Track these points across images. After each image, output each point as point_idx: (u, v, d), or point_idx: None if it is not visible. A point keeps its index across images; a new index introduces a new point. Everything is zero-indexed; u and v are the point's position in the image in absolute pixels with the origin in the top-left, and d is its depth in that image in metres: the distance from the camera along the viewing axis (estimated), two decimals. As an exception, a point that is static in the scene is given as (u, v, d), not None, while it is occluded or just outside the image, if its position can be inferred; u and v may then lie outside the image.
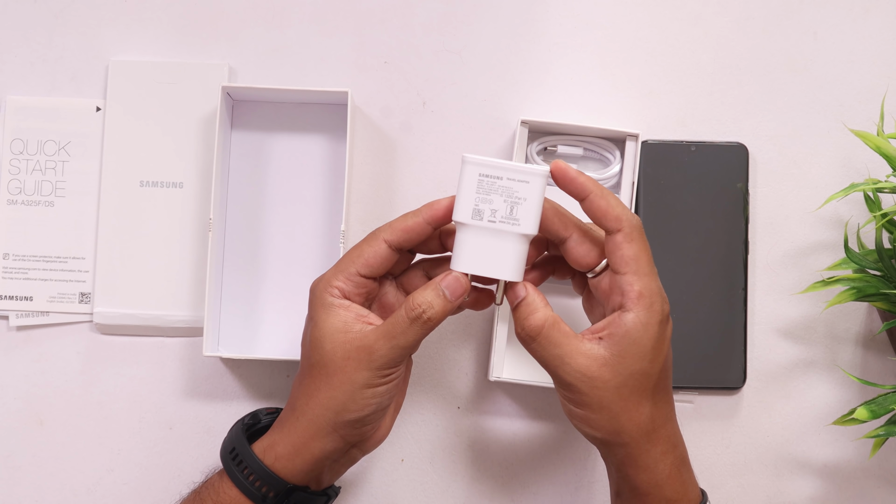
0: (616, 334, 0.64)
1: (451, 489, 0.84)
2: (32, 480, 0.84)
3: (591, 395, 0.65)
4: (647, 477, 0.67)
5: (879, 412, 0.74)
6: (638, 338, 0.64)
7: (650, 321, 0.64)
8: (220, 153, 0.81)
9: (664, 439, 0.67)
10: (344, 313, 0.68)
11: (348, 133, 0.80)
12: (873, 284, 0.75)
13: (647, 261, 0.65)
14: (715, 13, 0.85)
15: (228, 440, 0.72)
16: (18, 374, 0.84)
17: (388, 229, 0.69)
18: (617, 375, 0.64)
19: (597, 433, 0.66)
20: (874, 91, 0.84)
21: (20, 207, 0.85)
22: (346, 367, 0.67)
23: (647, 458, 0.66)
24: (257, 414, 0.75)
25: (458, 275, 0.67)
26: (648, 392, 0.66)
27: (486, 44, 0.85)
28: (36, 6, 0.86)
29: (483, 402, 0.84)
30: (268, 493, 0.68)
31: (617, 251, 0.65)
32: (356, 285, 0.69)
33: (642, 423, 0.66)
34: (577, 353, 0.65)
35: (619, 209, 0.65)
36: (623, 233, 0.65)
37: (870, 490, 0.83)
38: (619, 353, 0.64)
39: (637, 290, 0.64)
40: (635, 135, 0.81)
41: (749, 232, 0.83)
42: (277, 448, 0.69)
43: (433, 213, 0.68)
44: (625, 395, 0.65)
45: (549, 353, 0.66)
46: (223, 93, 0.81)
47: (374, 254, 0.68)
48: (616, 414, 0.65)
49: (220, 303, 0.83)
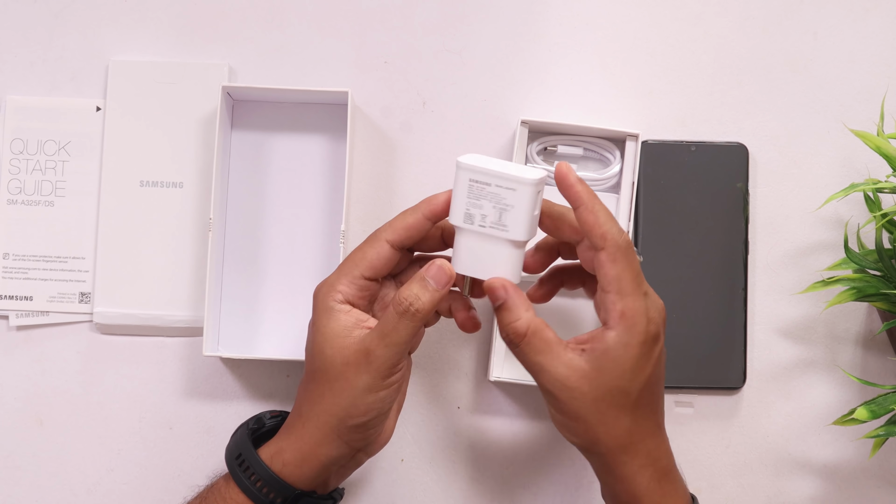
0: (597, 349, 0.64)
1: (451, 489, 0.84)
2: (32, 480, 0.84)
3: (569, 405, 0.65)
4: (623, 487, 0.67)
5: (879, 412, 0.74)
6: (617, 356, 0.64)
7: (631, 341, 0.64)
8: (220, 153, 0.81)
9: (643, 453, 0.66)
10: (345, 318, 0.68)
11: (348, 133, 0.80)
12: (873, 284, 0.75)
13: (630, 280, 0.64)
14: (715, 13, 0.85)
15: (234, 445, 0.71)
16: (18, 374, 0.84)
17: (388, 229, 0.68)
18: (595, 389, 0.64)
19: (574, 439, 0.67)
20: (874, 91, 0.84)
21: (20, 207, 0.85)
22: (347, 373, 0.67)
23: (623, 469, 0.66)
24: (261, 418, 0.74)
25: (442, 263, 0.67)
26: (628, 408, 0.65)
27: (486, 44, 0.85)
28: (36, 6, 0.86)
29: (483, 402, 0.84)
30: (275, 500, 0.68)
31: (600, 269, 0.65)
32: (359, 288, 0.69)
33: (619, 436, 0.65)
34: (559, 363, 0.65)
35: (605, 226, 0.64)
36: (606, 252, 0.64)
37: (870, 490, 0.83)
38: (597, 368, 0.64)
39: (619, 310, 0.64)
40: (635, 135, 0.81)
41: (749, 232, 0.83)
42: (285, 455, 0.69)
43: (431, 208, 0.68)
44: (602, 409, 0.65)
45: (530, 359, 0.66)
46: (223, 93, 0.81)
47: (377, 255, 0.68)
48: (592, 425, 0.65)
49: (220, 302, 0.83)
